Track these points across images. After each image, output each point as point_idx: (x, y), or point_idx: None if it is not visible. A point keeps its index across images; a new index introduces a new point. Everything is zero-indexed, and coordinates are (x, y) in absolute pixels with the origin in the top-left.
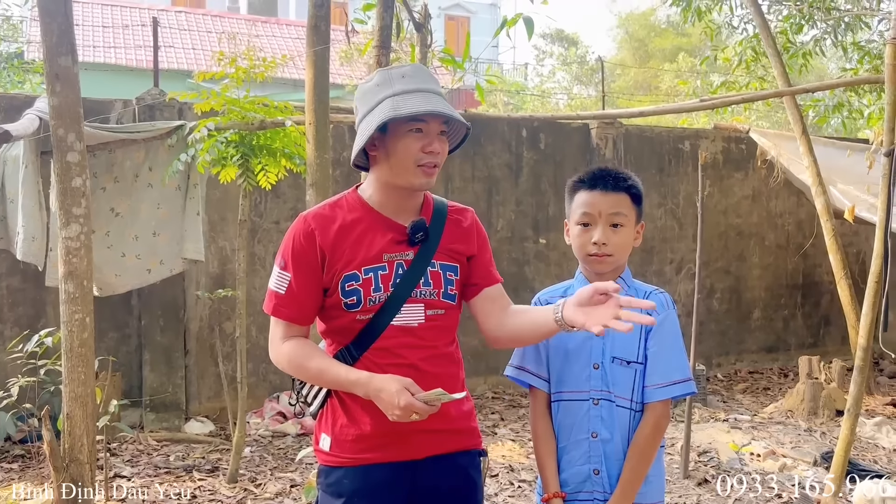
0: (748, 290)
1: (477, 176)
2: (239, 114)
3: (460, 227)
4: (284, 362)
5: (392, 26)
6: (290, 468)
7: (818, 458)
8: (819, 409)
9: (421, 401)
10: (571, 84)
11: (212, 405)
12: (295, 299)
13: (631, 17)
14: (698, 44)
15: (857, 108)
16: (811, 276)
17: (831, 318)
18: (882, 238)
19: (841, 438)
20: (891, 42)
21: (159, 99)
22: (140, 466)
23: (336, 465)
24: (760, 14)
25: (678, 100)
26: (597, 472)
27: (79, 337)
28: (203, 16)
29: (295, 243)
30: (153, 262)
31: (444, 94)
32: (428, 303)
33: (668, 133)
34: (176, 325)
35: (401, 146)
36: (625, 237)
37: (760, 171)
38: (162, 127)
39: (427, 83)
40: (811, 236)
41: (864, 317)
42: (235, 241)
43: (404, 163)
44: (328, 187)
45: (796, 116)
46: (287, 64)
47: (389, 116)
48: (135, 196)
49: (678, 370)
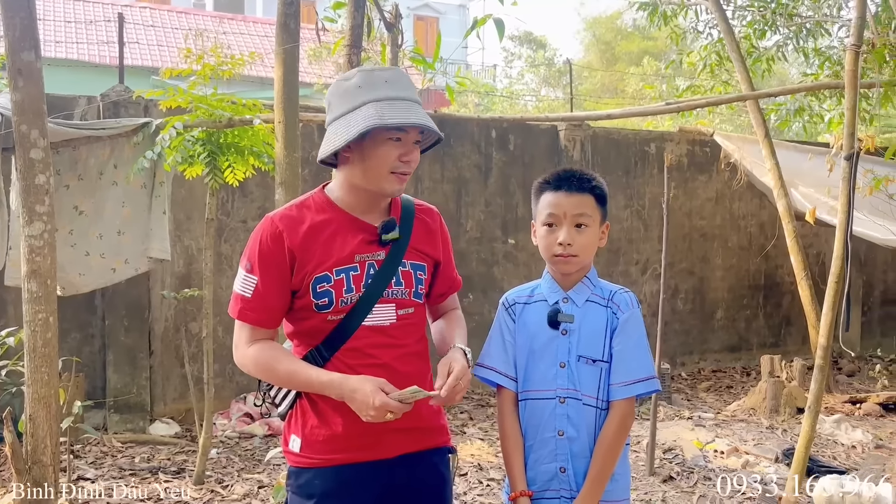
0: (711, 291)
1: (446, 176)
2: (206, 111)
3: (428, 227)
4: (251, 366)
5: (363, 26)
6: (258, 469)
7: (780, 455)
8: (780, 407)
9: (396, 400)
10: (539, 86)
11: (177, 406)
12: (262, 303)
13: (598, 20)
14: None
15: (817, 113)
16: (773, 277)
17: (792, 318)
18: (842, 240)
19: (802, 436)
20: (850, 49)
21: (124, 96)
22: (104, 468)
23: (307, 466)
24: (725, 19)
25: (644, 103)
26: (563, 470)
27: (42, 337)
28: (168, 12)
29: (262, 245)
30: (118, 262)
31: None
32: (399, 302)
33: (634, 136)
34: (140, 326)
35: (378, 153)
36: (590, 237)
37: (724, 174)
38: (128, 124)
39: (408, 91)
40: (773, 238)
41: (823, 316)
42: (201, 240)
43: (379, 169)
44: (297, 186)
45: (759, 120)
46: (255, 61)
47: (376, 124)
48: (99, 194)
49: (642, 368)
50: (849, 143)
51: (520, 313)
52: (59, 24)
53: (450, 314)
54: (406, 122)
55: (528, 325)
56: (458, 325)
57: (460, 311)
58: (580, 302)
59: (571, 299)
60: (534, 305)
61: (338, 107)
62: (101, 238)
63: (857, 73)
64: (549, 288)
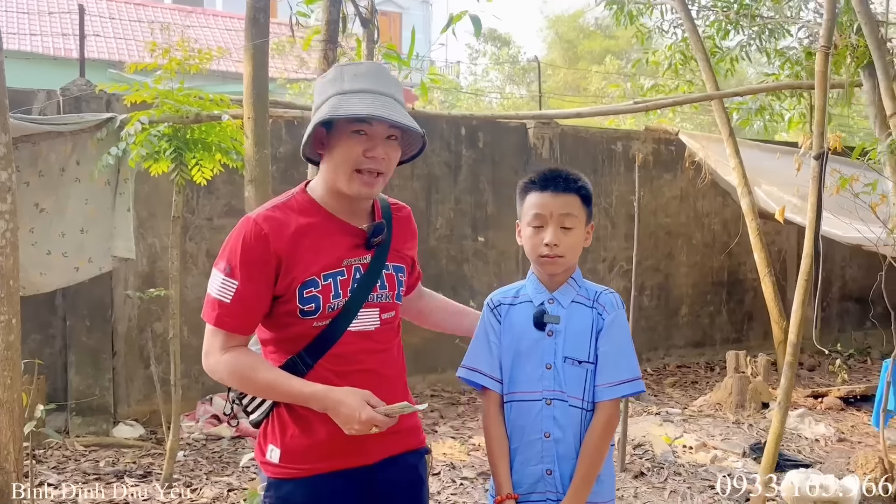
0: (676, 288)
1: (416, 174)
2: (173, 107)
3: (404, 226)
4: (225, 374)
5: (339, 21)
6: (227, 472)
7: (747, 450)
8: (746, 402)
9: (383, 413)
10: (504, 83)
11: (141, 408)
12: (242, 309)
13: (560, 18)
14: (626, 46)
15: (777, 112)
16: (735, 274)
17: (754, 314)
18: (812, 238)
19: (772, 431)
20: (821, 50)
21: (85, 90)
22: (67, 473)
23: (288, 476)
24: (690, 19)
25: (607, 101)
26: (549, 472)
27: (4, 339)
28: (126, 4)
29: (244, 248)
30: (81, 261)
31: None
32: (383, 306)
33: (601, 134)
34: (103, 326)
35: (340, 148)
36: (576, 238)
37: (689, 172)
38: (91, 119)
39: (379, 84)
40: (736, 235)
41: (794, 314)
42: (165, 238)
43: (342, 166)
44: (267, 183)
45: (723, 119)
46: (222, 56)
47: (329, 115)
48: (61, 191)
49: (627, 370)
50: (818, 143)
51: (505, 314)
52: (14, 14)
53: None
54: (357, 113)
55: (514, 327)
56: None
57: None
58: (566, 303)
59: (557, 300)
60: (519, 306)
61: (316, 102)
62: (64, 236)
63: (826, 74)
64: (535, 289)
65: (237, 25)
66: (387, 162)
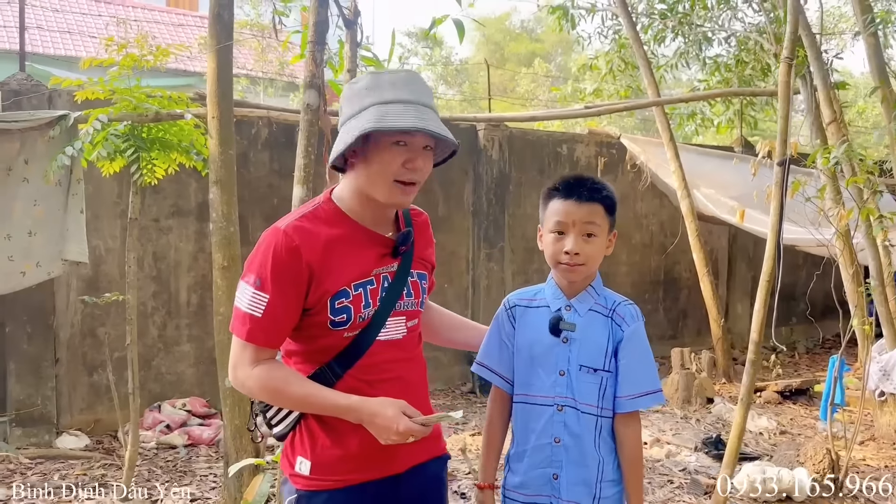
0: (616, 286)
1: None
2: (131, 104)
3: (424, 232)
4: (255, 388)
5: (328, 21)
6: (185, 481)
7: (699, 444)
8: (692, 398)
9: (420, 423)
10: (437, 84)
11: (85, 417)
12: (274, 323)
13: (487, 21)
14: (551, 50)
15: (707, 117)
16: (671, 273)
17: (688, 312)
18: (774, 241)
19: (734, 426)
20: (784, 61)
21: (26, 84)
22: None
23: (320, 489)
24: (632, 26)
25: (536, 104)
26: (556, 476)
27: None
28: None
29: (276, 260)
30: (28, 265)
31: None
32: (409, 314)
33: (548, 137)
34: (44, 332)
35: (381, 158)
36: (597, 247)
37: (629, 175)
38: (42, 116)
39: (419, 94)
40: (674, 236)
41: (756, 313)
42: (110, 240)
43: (382, 176)
44: (233, 185)
45: (664, 124)
46: (181, 53)
47: (374, 127)
48: (7, 192)
49: (649, 381)
50: (781, 150)
51: (520, 316)
52: None
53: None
54: (406, 126)
55: (529, 330)
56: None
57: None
58: (583, 311)
59: (574, 308)
60: (535, 310)
61: (346, 111)
62: (10, 239)
63: (789, 83)
64: (553, 294)
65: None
66: (423, 172)
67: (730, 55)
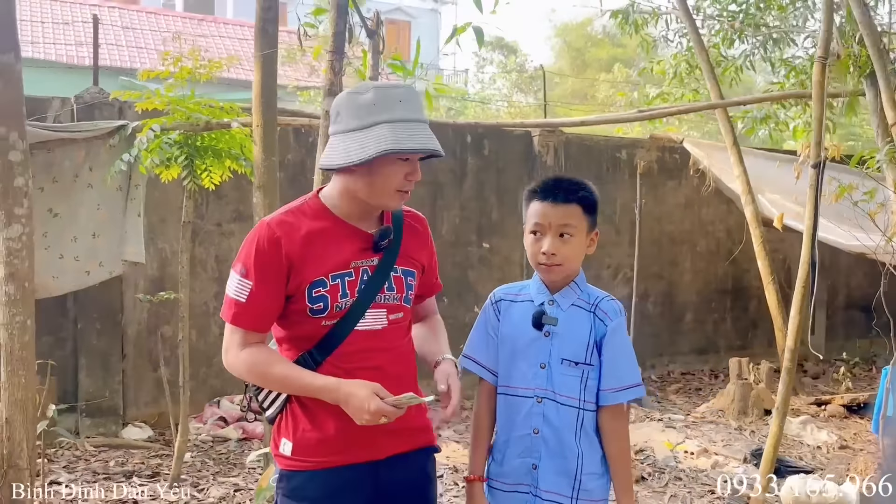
0: (680, 295)
1: (422, 180)
2: (184, 114)
3: (417, 233)
4: (243, 370)
5: (346, 32)
6: (233, 473)
7: (748, 456)
8: (748, 409)
9: (390, 404)
10: (511, 91)
11: (150, 410)
12: (256, 308)
13: (568, 27)
14: (633, 55)
15: (783, 121)
16: (740, 282)
17: (758, 322)
18: (809, 246)
19: (770, 437)
20: (818, 61)
21: (99, 97)
22: (78, 473)
23: (298, 469)
24: (695, 29)
25: (614, 109)
26: (535, 467)
27: (19, 340)
28: (138, 12)
29: (258, 250)
30: (92, 264)
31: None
32: (391, 307)
33: (605, 142)
34: (113, 329)
35: (386, 172)
36: (574, 247)
37: (693, 180)
38: (104, 126)
39: (420, 112)
40: (740, 243)
41: (791, 320)
42: (175, 242)
43: (386, 187)
44: (275, 190)
45: (727, 128)
46: (233, 65)
47: (393, 149)
48: (74, 197)
49: (631, 375)
50: (815, 152)
51: (505, 310)
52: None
53: (431, 319)
54: (422, 149)
55: (512, 323)
56: (441, 332)
57: (439, 316)
58: (565, 306)
59: (557, 302)
60: (520, 304)
61: (349, 120)
62: (76, 241)
63: (823, 84)
64: (537, 289)
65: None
66: (418, 179)
67: (806, 56)
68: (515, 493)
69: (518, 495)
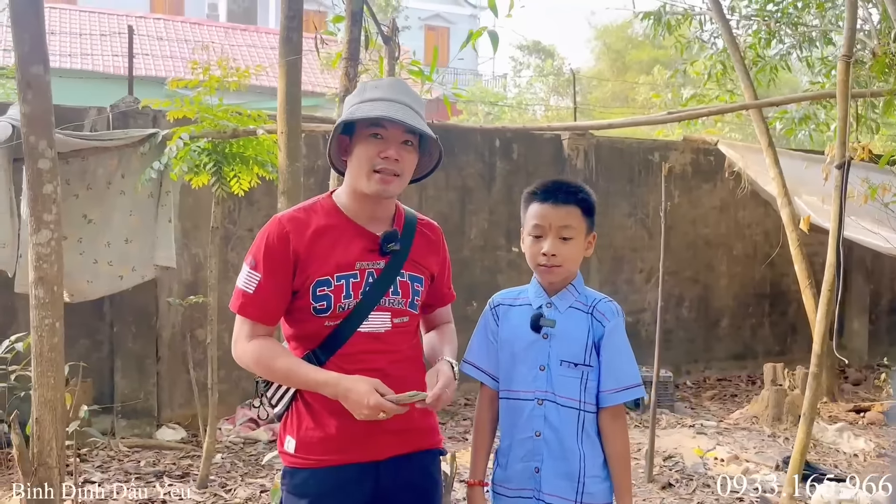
0: (716, 299)
1: (451, 185)
2: (212, 122)
3: (428, 241)
4: (250, 361)
5: (360, 39)
6: (261, 474)
7: (780, 463)
8: (783, 415)
9: (391, 402)
10: (548, 95)
11: (183, 412)
12: (263, 299)
13: (608, 29)
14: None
15: (823, 122)
16: (778, 286)
17: (798, 327)
18: (835, 247)
19: (797, 442)
20: (841, 59)
21: (133, 106)
22: (110, 472)
23: (301, 466)
24: (728, 30)
25: (652, 112)
26: (537, 470)
27: (48, 342)
28: (182, 23)
29: (268, 244)
30: (125, 269)
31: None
32: (395, 311)
33: (638, 144)
34: (148, 332)
35: (359, 151)
36: (574, 249)
37: (728, 183)
38: (135, 134)
39: (395, 94)
40: (778, 246)
41: (817, 323)
42: (208, 248)
43: (361, 167)
44: (300, 195)
45: (762, 129)
46: (261, 73)
47: (345, 118)
48: (107, 203)
49: (630, 376)
50: (840, 152)
51: (503, 314)
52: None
53: (442, 328)
54: (369, 115)
55: (511, 327)
56: (448, 340)
57: (453, 326)
58: (563, 308)
59: (555, 305)
60: (518, 308)
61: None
62: (109, 246)
63: (847, 83)
64: (535, 293)
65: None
66: (401, 164)
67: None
68: (519, 499)
69: (522, 500)
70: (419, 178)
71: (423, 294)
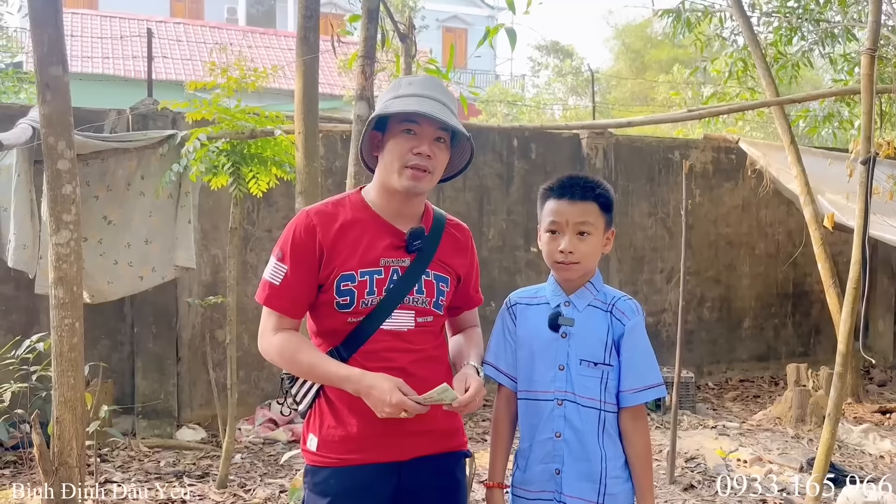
0: (738, 299)
1: (468, 185)
2: (230, 123)
3: (457, 242)
4: (275, 353)
5: (377, 37)
6: (280, 474)
7: (804, 465)
8: (806, 416)
9: (415, 401)
10: (567, 95)
11: (203, 412)
12: (290, 291)
13: (627, 28)
14: (694, 55)
15: (847, 119)
16: (801, 285)
17: (822, 327)
18: (860, 245)
19: (822, 443)
20: (865, 53)
21: (152, 108)
22: (131, 472)
23: (323, 465)
24: (749, 27)
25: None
26: (558, 472)
27: (68, 342)
28: (201, 27)
29: (295, 236)
30: (145, 270)
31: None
32: (419, 310)
33: (658, 143)
34: (168, 333)
35: (392, 146)
36: (592, 245)
37: (750, 181)
38: (153, 136)
39: (431, 91)
40: (801, 245)
41: (842, 323)
42: (227, 248)
43: (393, 162)
44: (317, 195)
45: (784, 126)
46: (279, 75)
47: (378, 113)
48: (127, 204)
49: (651, 375)
50: (865, 148)
51: (521, 313)
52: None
53: (468, 331)
54: (404, 110)
55: (529, 326)
56: (474, 344)
57: (479, 329)
58: (581, 306)
59: (573, 303)
60: (536, 307)
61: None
62: (129, 247)
63: (872, 77)
64: (553, 291)
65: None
66: (433, 161)
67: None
68: (539, 500)
69: (542, 502)
70: (448, 177)
71: (449, 295)
